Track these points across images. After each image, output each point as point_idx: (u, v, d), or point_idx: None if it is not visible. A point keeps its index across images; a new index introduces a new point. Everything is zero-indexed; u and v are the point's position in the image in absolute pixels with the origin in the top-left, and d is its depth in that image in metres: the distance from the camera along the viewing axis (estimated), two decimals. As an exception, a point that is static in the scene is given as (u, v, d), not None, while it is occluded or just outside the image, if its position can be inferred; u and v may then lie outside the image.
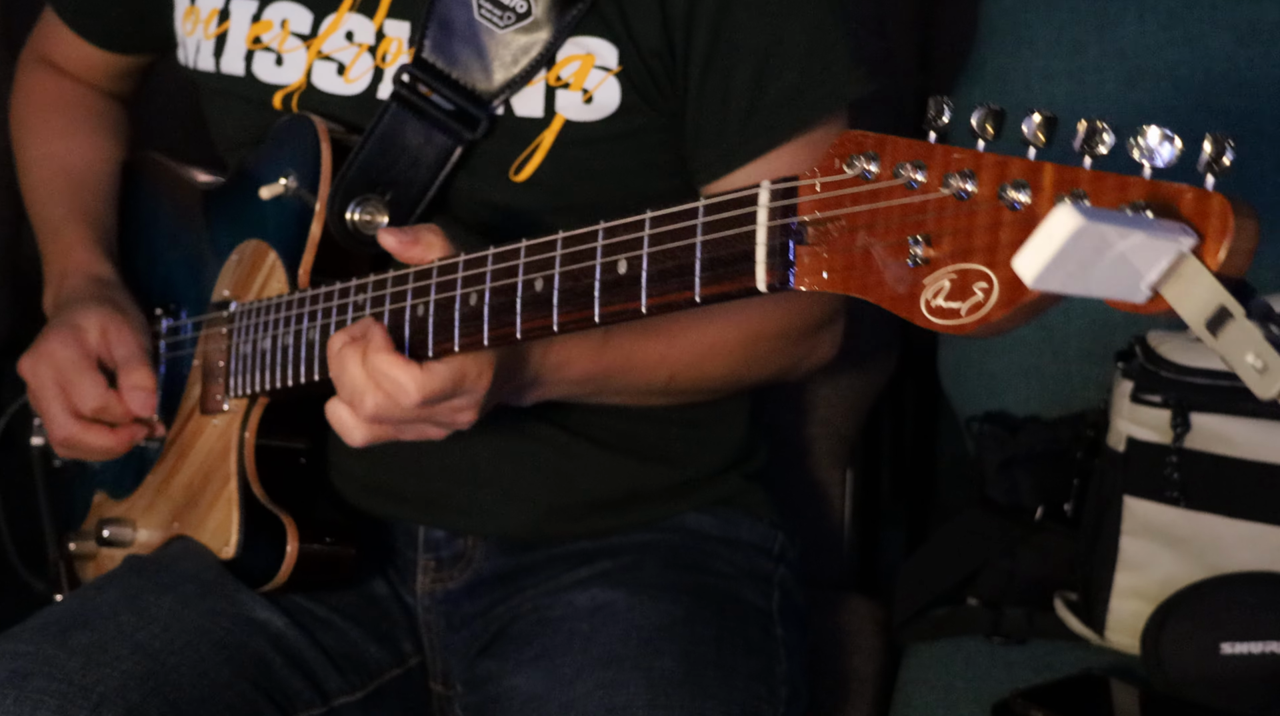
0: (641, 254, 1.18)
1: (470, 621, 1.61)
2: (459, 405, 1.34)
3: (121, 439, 1.61)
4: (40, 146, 1.79)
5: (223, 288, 1.61)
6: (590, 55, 1.47)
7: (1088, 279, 0.92)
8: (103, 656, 1.41)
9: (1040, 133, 0.98)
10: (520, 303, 1.26)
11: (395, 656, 1.60)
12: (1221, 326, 0.90)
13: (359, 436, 1.36)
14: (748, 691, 1.48)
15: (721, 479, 1.67)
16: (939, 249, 1.00)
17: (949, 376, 2.00)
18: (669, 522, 1.64)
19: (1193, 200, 0.94)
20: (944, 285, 1.00)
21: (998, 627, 1.81)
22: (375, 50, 1.52)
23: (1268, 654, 1.65)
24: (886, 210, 1.03)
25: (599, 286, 1.21)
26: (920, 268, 1.01)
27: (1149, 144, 0.95)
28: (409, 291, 1.34)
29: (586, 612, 1.52)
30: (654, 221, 1.18)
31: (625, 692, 1.42)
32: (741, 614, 1.57)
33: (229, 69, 1.58)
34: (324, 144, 1.50)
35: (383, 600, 1.62)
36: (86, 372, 1.58)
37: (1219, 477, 1.71)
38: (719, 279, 1.13)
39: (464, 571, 1.62)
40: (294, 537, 1.50)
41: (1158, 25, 1.95)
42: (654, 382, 1.51)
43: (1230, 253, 0.93)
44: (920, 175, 1.02)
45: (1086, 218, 0.89)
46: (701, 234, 1.14)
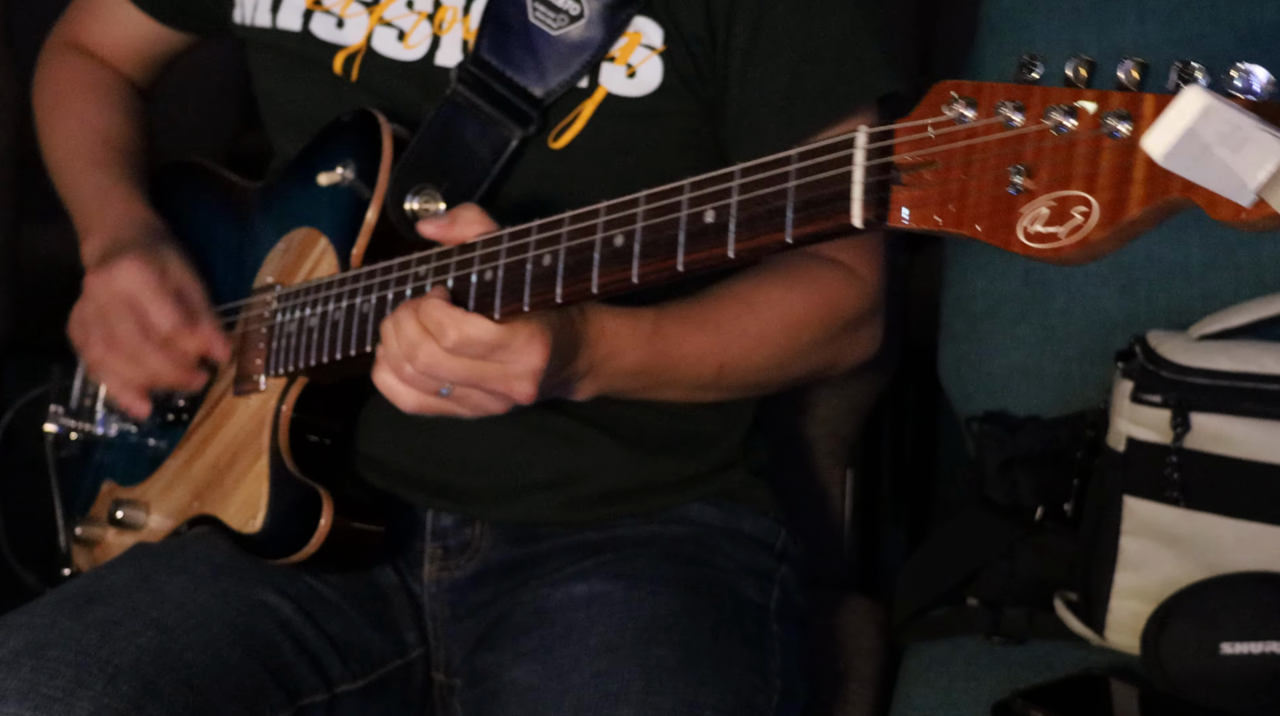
0: (730, 203, 1.22)
1: (475, 611, 1.62)
2: (512, 372, 1.36)
3: (185, 373, 1.60)
4: (79, 119, 1.79)
5: (266, 274, 1.63)
6: (638, 33, 1.52)
7: (1206, 166, 0.96)
8: (117, 631, 1.42)
9: (1135, 73, 1.01)
10: (598, 259, 1.29)
11: (397, 647, 1.61)
12: None
13: (409, 400, 1.39)
14: (743, 681, 1.48)
15: (727, 472, 1.68)
16: (1038, 178, 1.04)
17: (949, 376, 2.00)
18: (674, 513, 1.65)
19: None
20: (1042, 212, 1.04)
21: (998, 627, 1.81)
22: (433, 18, 1.57)
23: (1268, 654, 1.65)
24: (984, 147, 1.07)
25: (684, 236, 1.24)
26: (1019, 197, 1.04)
27: (1249, 72, 0.98)
28: (476, 258, 1.37)
29: (584, 603, 1.54)
30: (744, 172, 1.21)
31: (620, 680, 1.43)
32: (739, 608, 1.58)
33: (285, 24, 1.61)
34: (386, 137, 1.53)
35: (390, 590, 1.62)
36: (164, 296, 1.58)
37: (1219, 477, 1.71)
38: (812, 218, 1.17)
39: (470, 560, 1.63)
40: (329, 511, 1.51)
41: (1158, 25, 1.95)
42: (705, 375, 1.53)
43: None
44: (1018, 115, 1.05)
45: (1214, 98, 0.94)
46: (795, 179, 1.17)
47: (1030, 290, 1.94)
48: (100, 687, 1.37)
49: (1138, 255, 1.91)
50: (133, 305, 1.58)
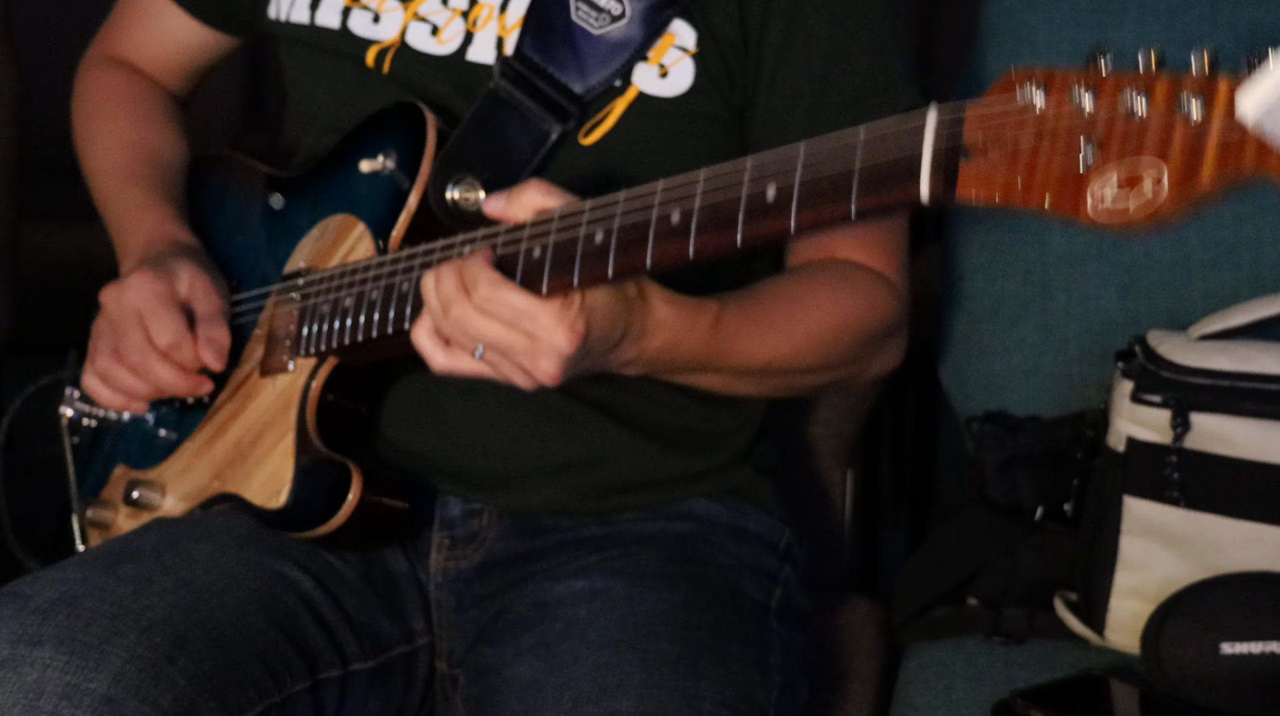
0: (794, 180, 1.23)
1: (479, 602, 1.63)
2: (539, 348, 1.36)
3: (188, 382, 1.62)
4: (116, 134, 1.81)
5: (299, 259, 1.64)
6: (672, 34, 1.55)
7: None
8: (150, 587, 1.45)
9: (1207, 59, 1.04)
10: (653, 235, 1.30)
11: (405, 634, 1.62)
12: None
13: (439, 359, 1.40)
14: (742, 676, 1.49)
15: (735, 469, 1.69)
16: (1108, 153, 1.06)
17: (949, 376, 2.00)
18: (679, 508, 1.66)
19: None
20: (1111, 185, 1.06)
21: (998, 627, 1.81)
22: (467, 15, 1.59)
23: (1268, 654, 1.65)
24: (1055, 127, 1.09)
25: (743, 212, 1.25)
26: (1088, 172, 1.07)
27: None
28: (525, 236, 1.38)
29: (585, 598, 1.54)
30: (809, 147, 1.23)
31: (619, 673, 1.44)
32: (740, 605, 1.58)
33: (324, 22, 1.63)
34: (430, 127, 1.55)
35: (400, 577, 1.63)
36: (170, 308, 1.60)
37: (1219, 477, 1.71)
38: (878, 190, 1.18)
39: (477, 551, 1.63)
40: (358, 485, 1.52)
41: (1158, 25, 1.95)
42: (751, 368, 1.54)
43: None
44: (1089, 99, 1.07)
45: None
46: (862, 153, 1.19)
47: (1030, 290, 1.94)
48: (135, 637, 1.39)
49: (1138, 255, 1.91)
50: (139, 317, 1.59)
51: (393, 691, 1.60)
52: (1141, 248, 1.91)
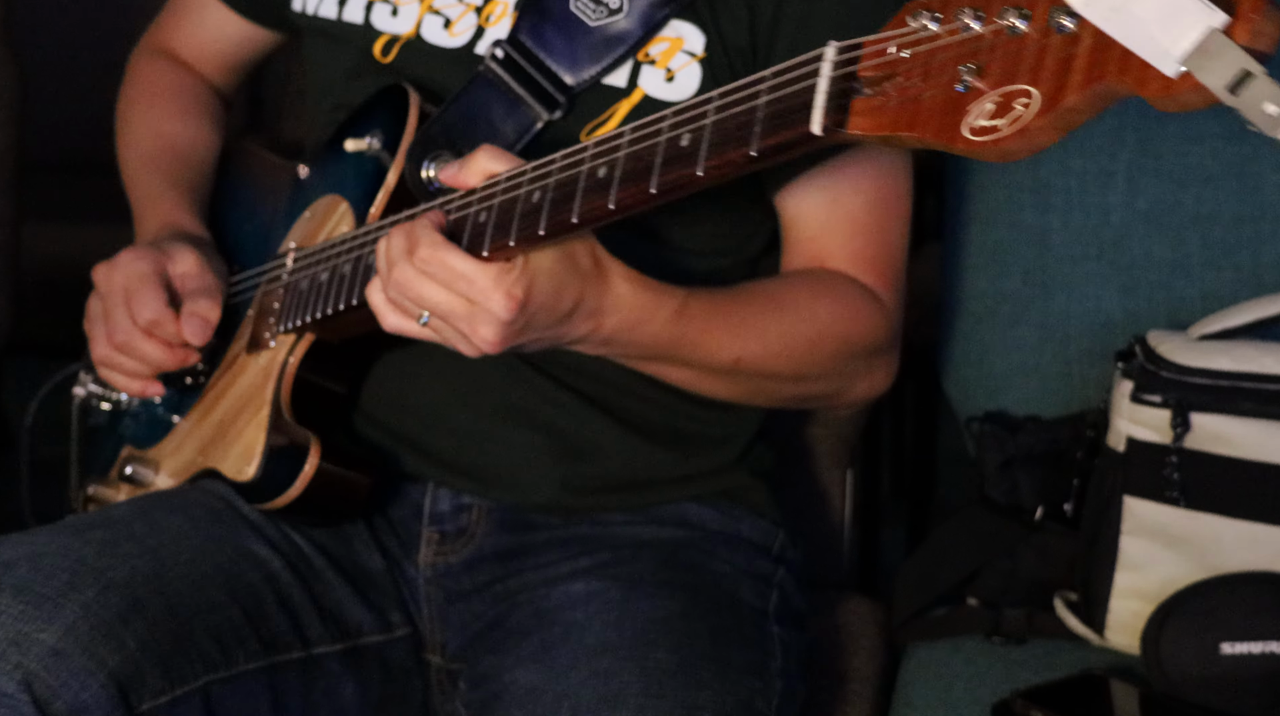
0: (706, 124, 1.22)
1: (468, 596, 1.63)
2: (478, 313, 1.34)
3: (174, 355, 1.63)
4: (149, 125, 1.84)
5: (290, 240, 1.66)
6: (680, 39, 1.54)
7: (1126, 19, 0.98)
8: (115, 550, 1.48)
9: None
10: (581, 190, 1.29)
11: (380, 623, 1.63)
12: (1243, 85, 0.97)
13: (389, 318, 1.39)
14: (742, 684, 1.49)
15: (727, 472, 1.68)
16: (987, 77, 1.05)
17: (949, 376, 2.00)
18: (670, 511, 1.65)
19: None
20: (986, 108, 1.05)
21: (998, 627, 1.81)
22: (481, 10, 1.59)
23: (1268, 654, 1.65)
24: (942, 52, 1.08)
25: (660, 161, 1.24)
26: (967, 94, 1.06)
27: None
28: (475, 200, 1.37)
29: (582, 601, 1.55)
30: (722, 94, 1.22)
31: (619, 681, 1.43)
32: (738, 611, 1.58)
33: (350, 18, 1.64)
34: (412, 106, 1.56)
35: (375, 573, 1.64)
36: (151, 285, 1.61)
37: (1219, 477, 1.71)
38: (776, 129, 1.17)
39: (466, 546, 1.64)
40: (315, 454, 1.54)
41: (1158, 25, 1.95)
42: (719, 363, 1.52)
43: (1256, 33, 0.98)
44: (977, 22, 1.06)
45: None
46: (766, 95, 1.18)
47: (1030, 290, 1.94)
48: (92, 595, 1.42)
49: (1137, 255, 1.91)
50: (125, 294, 1.62)
51: (368, 678, 1.60)
52: (1141, 247, 1.91)
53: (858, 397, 1.63)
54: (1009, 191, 1.95)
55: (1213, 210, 1.90)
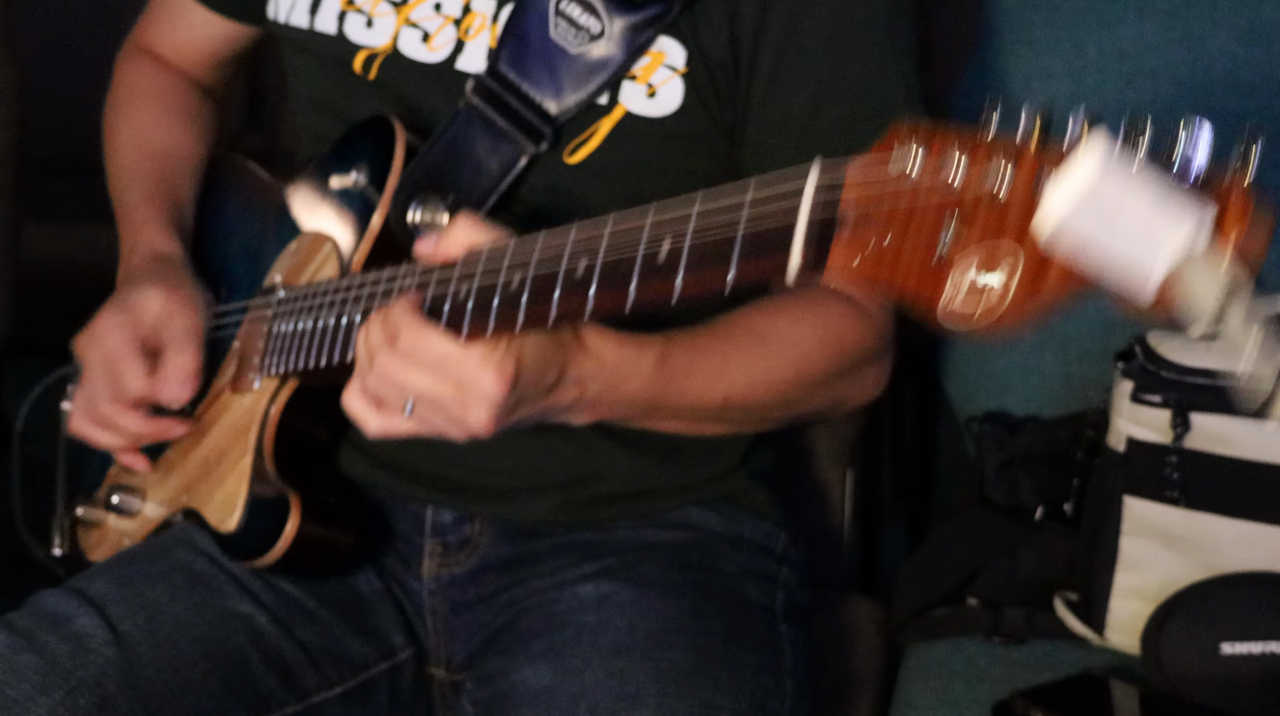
0: (685, 233, 1.16)
1: (474, 606, 1.62)
2: (469, 397, 1.30)
3: (156, 428, 1.62)
4: (131, 131, 1.82)
5: (275, 274, 1.63)
6: (661, 53, 1.50)
7: (1108, 246, 0.88)
8: (88, 643, 1.47)
9: (1085, 127, 0.94)
10: (560, 286, 1.24)
11: (383, 651, 1.61)
12: (1225, 313, 0.87)
13: (373, 423, 1.35)
14: (756, 684, 1.49)
15: (728, 477, 1.67)
16: (965, 245, 0.97)
17: (949, 376, 2.00)
18: (672, 517, 1.65)
19: (1215, 189, 0.90)
20: (964, 285, 0.97)
21: (998, 627, 1.81)
22: (460, 24, 1.55)
23: (1268, 654, 1.65)
24: (925, 203, 1.00)
25: (639, 268, 1.19)
26: (944, 264, 0.98)
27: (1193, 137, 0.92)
28: (455, 275, 1.33)
29: (593, 604, 1.54)
30: (704, 198, 1.16)
31: (635, 682, 1.43)
32: (747, 610, 1.58)
33: (322, 27, 1.60)
34: (399, 144, 1.52)
35: (372, 596, 1.63)
36: (131, 359, 1.59)
37: (1219, 477, 1.71)
38: (754, 258, 1.11)
39: (470, 557, 1.63)
40: (296, 515, 1.51)
41: (1158, 25, 1.95)
42: (709, 408, 1.48)
43: (1245, 241, 0.89)
44: (961, 172, 0.98)
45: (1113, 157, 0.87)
46: (746, 215, 1.12)
47: (1030, 290, 1.94)
48: (59, 697, 1.42)
49: (1138, 255, 1.91)
50: (108, 370, 1.59)
51: (377, 709, 1.60)
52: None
53: (853, 405, 1.61)
54: (1009, 191, 1.95)
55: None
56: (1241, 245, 0.88)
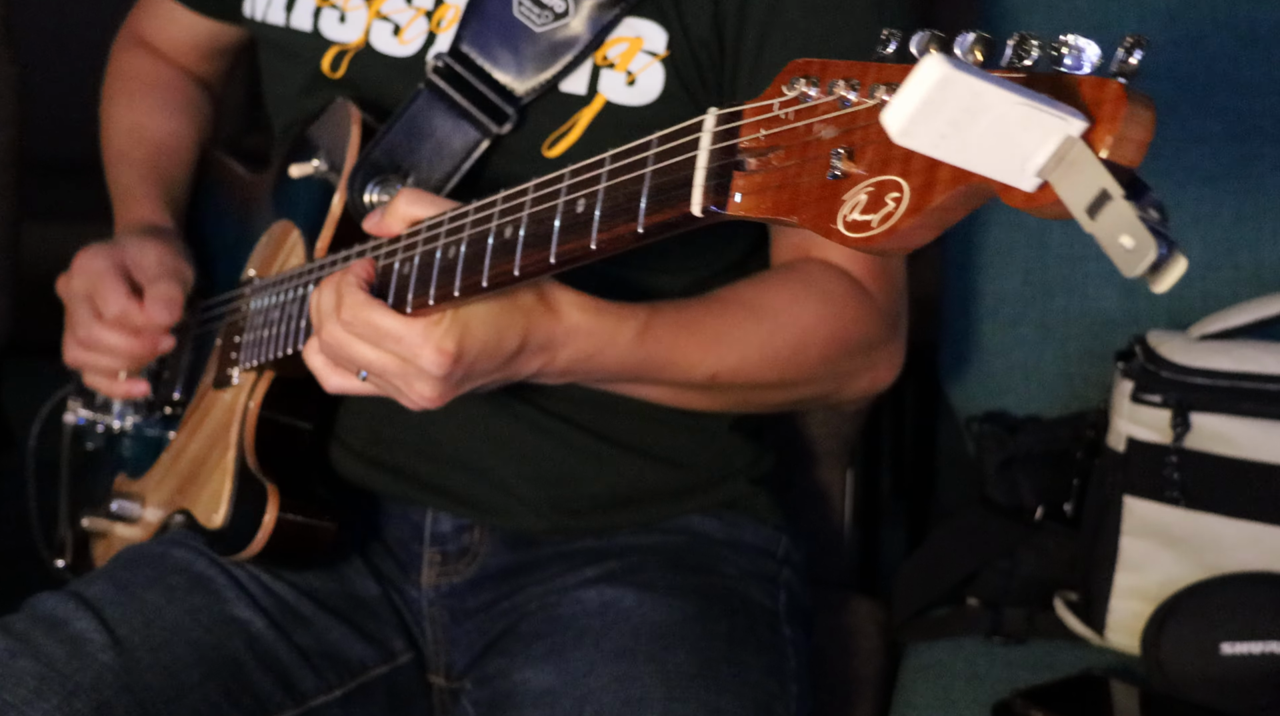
0: (598, 190, 1.17)
1: (474, 614, 1.62)
2: (411, 370, 1.31)
3: (142, 343, 1.62)
4: (126, 120, 1.82)
5: (250, 267, 1.64)
6: (639, 38, 1.47)
7: (966, 145, 0.89)
8: (86, 647, 1.46)
9: (977, 51, 0.95)
10: (490, 251, 1.24)
11: (383, 654, 1.61)
12: (1100, 209, 0.87)
13: (329, 379, 1.37)
14: (761, 687, 1.48)
15: (726, 482, 1.66)
16: (859, 162, 0.98)
17: (949, 376, 2.00)
18: (673, 524, 1.64)
19: (1090, 88, 0.91)
20: (861, 199, 0.97)
21: (998, 627, 1.81)
22: (431, 15, 1.53)
23: (1268, 654, 1.65)
24: (817, 125, 1.01)
25: (558, 227, 1.19)
26: (840, 181, 0.99)
27: (1068, 52, 0.94)
28: (399, 248, 1.33)
29: (596, 610, 1.53)
30: (614, 157, 1.16)
31: (640, 685, 1.43)
32: (750, 613, 1.57)
33: (298, 24, 1.59)
34: (354, 127, 1.51)
35: (371, 601, 1.62)
36: (111, 279, 1.60)
37: (1219, 477, 1.71)
38: (660, 207, 1.11)
39: (469, 565, 1.62)
40: (274, 506, 1.50)
41: (1158, 25, 1.95)
42: (696, 379, 1.46)
43: (1120, 139, 0.89)
44: (853, 94, 0.99)
45: (956, 68, 0.87)
46: (653, 164, 1.13)
47: (1030, 290, 1.94)
48: (56, 702, 1.41)
49: (1138, 255, 1.91)
50: (88, 291, 1.61)
51: (376, 711, 1.59)
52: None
53: (861, 392, 1.57)
54: (1009, 191, 1.95)
55: (1213, 210, 1.90)
56: (1114, 145, 0.89)
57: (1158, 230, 0.87)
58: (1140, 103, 0.91)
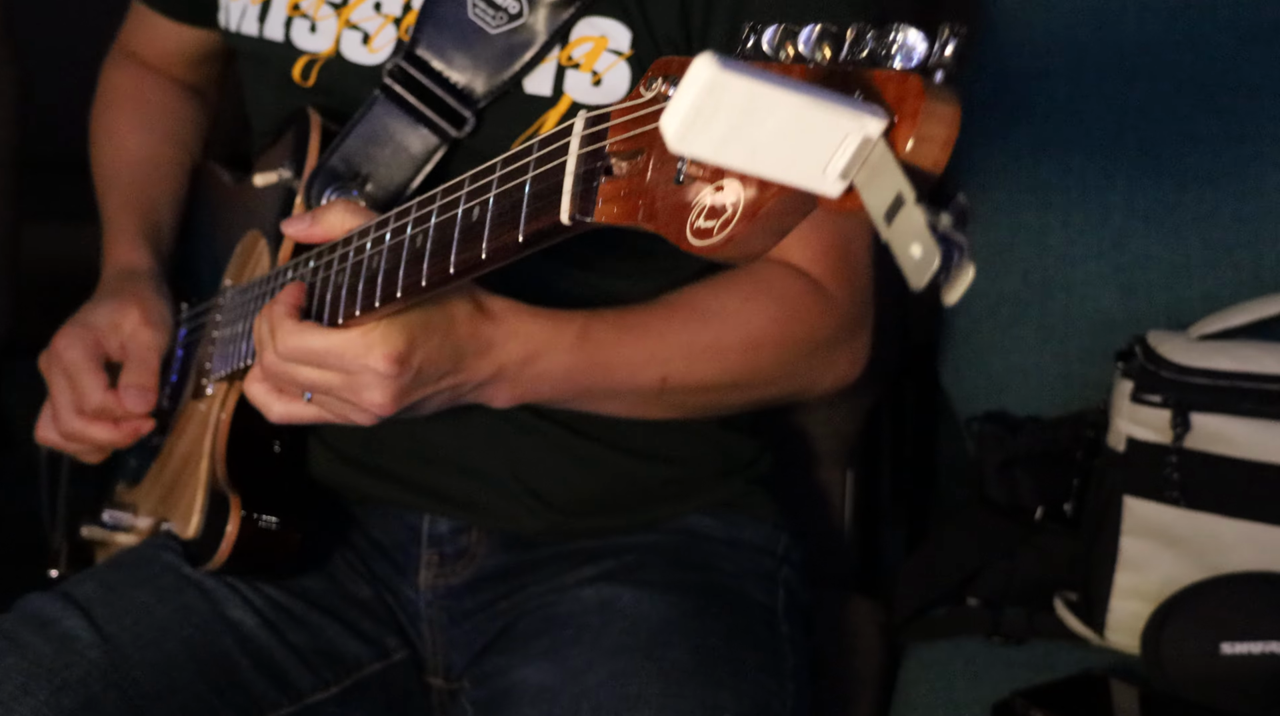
0: (489, 196, 1.15)
1: (472, 615, 1.62)
2: (359, 381, 1.30)
3: (123, 432, 1.62)
4: (112, 140, 1.82)
5: (226, 278, 1.64)
6: (604, 37, 1.45)
7: (754, 150, 0.83)
8: (74, 645, 1.46)
9: (824, 47, 0.90)
10: (404, 260, 1.23)
11: (378, 651, 1.61)
12: (895, 215, 0.81)
13: (274, 409, 1.35)
14: (758, 684, 1.49)
15: (725, 482, 1.66)
16: (700, 165, 0.94)
17: (949, 376, 2.00)
18: (671, 524, 1.64)
19: (893, 85, 0.85)
20: (705, 203, 0.93)
21: (998, 627, 1.81)
22: (400, 22, 1.52)
23: (1268, 654, 1.65)
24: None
25: (457, 236, 1.18)
26: (684, 185, 0.95)
27: (895, 46, 0.87)
28: (335, 260, 1.32)
29: (594, 608, 1.53)
30: (504, 162, 1.14)
31: (638, 682, 1.43)
32: (748, 610, 1.58)
33: (271, 35, 1.58)
34: (314, 134, 1.51)
35: (366, 601, 1.62)
36: (89, 373, 1.60)
37: (1219, 477, 1.71)
38: (537, 214, 1.09)
39: (467, 567, 1.62)
40: (235, 517, 1.49)
41: (1158, 25, 1.95)
42: (645, 386, 1.46)
43: (920, 139, 0.83)
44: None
45: (728, 68, 0.81)
46: (533, 169, 1.10)
47: (1030, 290, 1.94)
48: (44, 697, 1.41)
49: (1138, 255, 1.91)
50: (69, 384, 1.60)
51: (372, 709, 1.59)
52: (1141, 247, 1.91)
53: (826, 390, 1.56)
54: (1009, 192, 1.95)
55: (1213, 210, 1.90)
56: (914, 145, 0.84)
57: (946, 237, 0.81)
58: (940, 99, 0.84)
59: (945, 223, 0.81)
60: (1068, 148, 1.94)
